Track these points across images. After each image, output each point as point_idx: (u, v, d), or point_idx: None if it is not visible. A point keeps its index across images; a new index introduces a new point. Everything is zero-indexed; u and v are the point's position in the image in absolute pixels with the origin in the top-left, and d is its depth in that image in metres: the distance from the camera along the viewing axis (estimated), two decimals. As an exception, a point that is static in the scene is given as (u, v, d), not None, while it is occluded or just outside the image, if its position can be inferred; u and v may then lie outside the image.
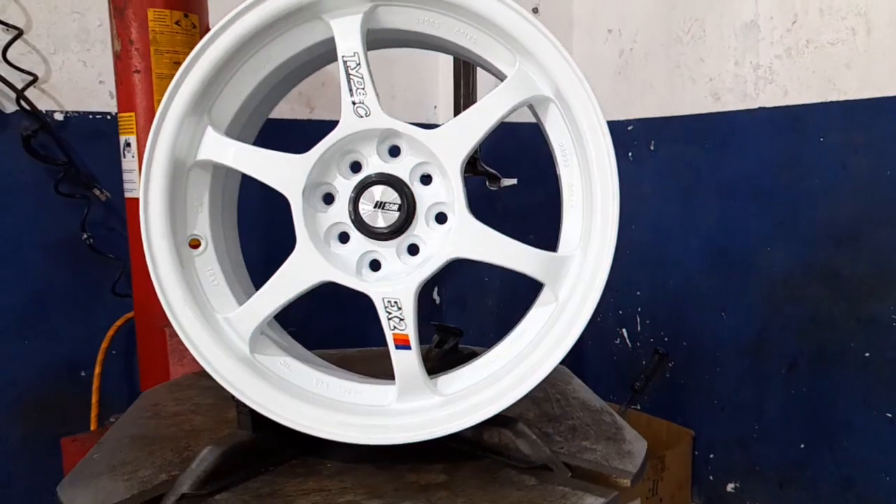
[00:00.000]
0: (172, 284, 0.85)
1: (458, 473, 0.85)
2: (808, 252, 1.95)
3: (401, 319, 0.82)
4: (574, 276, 0.85)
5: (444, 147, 0.81)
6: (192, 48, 0.81)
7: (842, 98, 1.87)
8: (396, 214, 0.82)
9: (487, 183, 1.58)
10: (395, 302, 0.82)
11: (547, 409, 1.07)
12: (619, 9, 2.42)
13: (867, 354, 1.84)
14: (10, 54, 1.67)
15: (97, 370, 1.80)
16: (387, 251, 0.85)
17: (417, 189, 0.84)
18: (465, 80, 1.47)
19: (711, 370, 2.24)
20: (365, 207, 0.83)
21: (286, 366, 0.88)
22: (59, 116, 1.78)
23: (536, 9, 2.46)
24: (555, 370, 0.84)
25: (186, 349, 1.12)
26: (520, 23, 0.80)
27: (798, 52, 1.94)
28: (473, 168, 1.49)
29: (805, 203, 1.95)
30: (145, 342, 1.51)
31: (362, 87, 0.81)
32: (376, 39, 0.90)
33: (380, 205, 0.83)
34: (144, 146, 1.40)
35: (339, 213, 0.84)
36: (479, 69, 1.49)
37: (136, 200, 1.43)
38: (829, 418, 1.93)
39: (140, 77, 1.39)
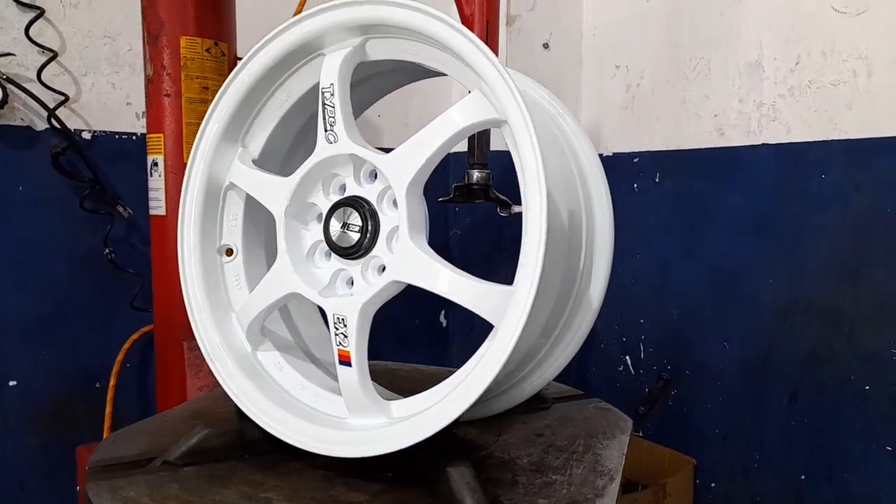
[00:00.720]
0: (196, 290, 0.93)
1: (384, 499, 0.83)
2: (809, 286, 1.99)
3: (345, 336, 0.85)
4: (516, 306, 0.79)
5: (393, 170, 0.83)
6: (220, 74, 0.90)
7: (843, 137, 1.93)
8: (357, 235, 0.86)
9: (499, 209, 1.63)
10: (342, 319, 0.85)
11: (551, 459, 0.98)
12: (626, 46, 2.50)
13: (867, 388, 1.87)
14: (45, 75, 1.75)
15: (112, 381, 1.84)
16: (355, 270, 0.89)
17: (387, 211, 0.88)
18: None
19: (714, 399, 2.27)
20: (334, 227, 0.88)
21: (279, 367, 0.95)
22: (86, 135, 1.85)
23: (547, 44, 2.54)
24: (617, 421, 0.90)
25: (203, 363, 1.18)
26: (465, 45, 0.82)
27: (801, 91, 2.01)
28: (486, 195, 1.54)
29: (807, 238, 1.99)
30: (164, 355, 1.56)
31: (332, 116, 0.87)
32: (377, 73, 0.98)
33: (345, 225, 0.88)
34: (171, 166, 1.47)
35: (319, 231, 0.91)
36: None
37: (161, 217, 1.50)
38: (830, 450, 1.95)
39: (170, 100, 1.46)
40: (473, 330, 2.66)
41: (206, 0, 1.47)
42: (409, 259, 0.82)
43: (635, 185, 2.51)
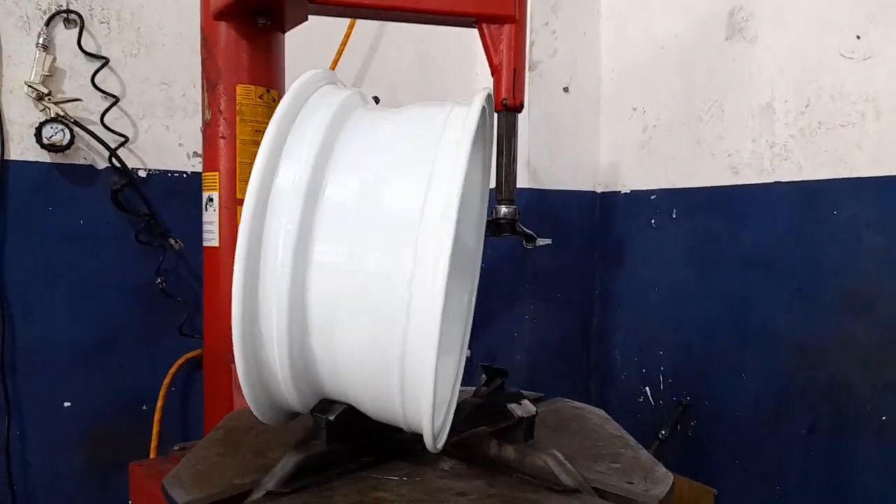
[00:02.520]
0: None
1: (502, 486, 0.98)
2: (825, 319, 2.06)
3: None
4: None
5: None
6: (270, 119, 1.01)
7: (853, 175, 2.02)
8: None
9: (525, 243, 1.73)
10: None
11: (580, 442, 1.20)
12: (643, 90, 2.63)
13: (884, 418, 1.92)
14: (107, 118, 1.90)
15: (159, 403, 1.95)
16: None
17: None
18: (507, 155, 1.65)
19: (733, 430, 2.32)
20: None
21: None
22: (142, 173, 2.00)
23: (567, 88, 2.68)
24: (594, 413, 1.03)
25: None
26: None
27: (811, 132, 2.11)
28: (512, 228, 1.65)
29: (822, 273, 2.07)
30: (212, 377, 1.66)
31: None
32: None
33: None
34: (225, 201, 1.60)
35: None
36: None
37: (214, 249, 1.63)
38: (848, 482, 2.00)
39: (225, 142, 1.59)
40: (497, 360, 2.74)
41: (259, 51, 1.62)
42: None
43: (653, 221, 2.61)
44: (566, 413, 1.44)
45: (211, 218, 1.62)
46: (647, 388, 2.65)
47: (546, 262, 2.64)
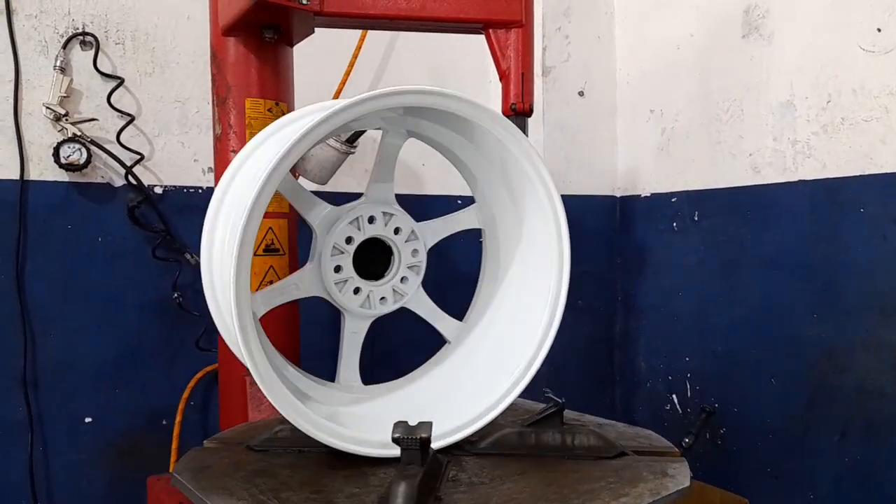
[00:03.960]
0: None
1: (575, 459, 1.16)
2: (853, 322, 1.99)
3: None
4: None
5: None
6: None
7: (879, 171, 1.96)
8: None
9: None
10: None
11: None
12: (660, 92, 2.59)
13: (918, 422, 1.85)
14: (123, 137, 1.93)
15: (178, 418, 1.96)
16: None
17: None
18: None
19: (763, 437, 2.25)
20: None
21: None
22: (158, 190, 2.02)
23: (582, 92, 2.65)
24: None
25: (264, 398, 1.28)
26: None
27: (834, 129, 2.05)
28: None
29: (848, 273, 2.00)
30: (227, 390, 1.67)
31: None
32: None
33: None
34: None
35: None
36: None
37: (227, 262, 1.63)
38: (881, 490, 1.92)
39: (236, 156, 1.60)
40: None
41: (267, 65, 1.63)
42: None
43: (674, 225, 2.56)
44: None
45: (223, 232, 1.62)
46: (673, 396, 2.59)
47: (565, 269, 2.60)
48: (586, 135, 2.69)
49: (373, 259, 1.28)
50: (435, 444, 1.10)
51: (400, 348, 1.84)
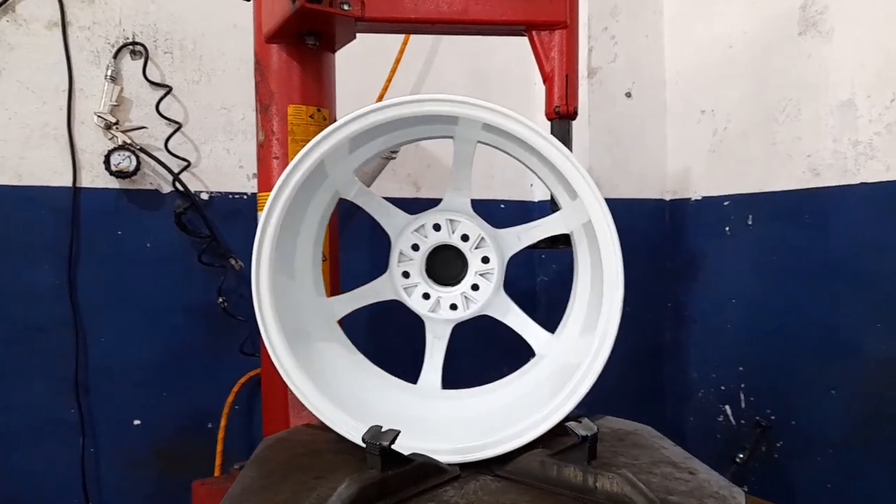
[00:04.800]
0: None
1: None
2: (921, 332, 1.88)
3: None
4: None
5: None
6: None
7: (950, 173, 1.84)
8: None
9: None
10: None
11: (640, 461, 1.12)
12: (711, 92, 2.50)
13: None
14: (170, 144, 1.97)
15: (223, 422, 1.98)
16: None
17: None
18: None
19: (823, 452, 2.14)
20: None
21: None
22: (204, 196, 2.05)
23: (629, 93, 2.59)
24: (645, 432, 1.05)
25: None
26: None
27: (899, 128, 1.95)
28: (568, 241, 1.58)
29: (915, 280, 1.90)
30: (270, 396, 1.67)
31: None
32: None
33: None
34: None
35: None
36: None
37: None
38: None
39: (278, 162, 1.61)
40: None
41: (309, 71, 1.63)
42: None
43: (727, 229, 2.47)
44: (614, 431, 1.35)
45: (265, 238, 1.63)
46: (726, 407, 2.49)
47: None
48: (634, 137, 2.62)
49: (450, 266, 1.29)
50: (450, 458, 1.08)
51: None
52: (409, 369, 1.35)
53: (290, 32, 1.56)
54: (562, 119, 1.57)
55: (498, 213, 2.63)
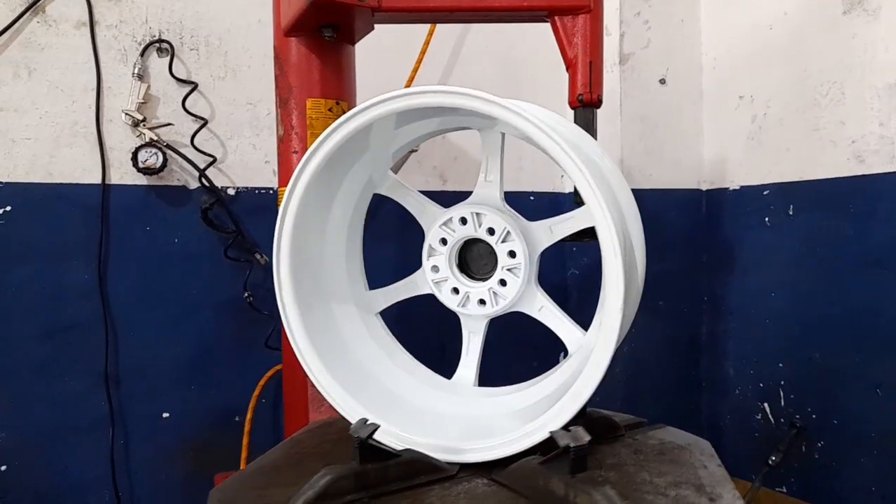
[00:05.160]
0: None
1: None
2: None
3: None
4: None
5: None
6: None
7: None
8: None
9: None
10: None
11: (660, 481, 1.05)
12: (750, 76, 2.40)
13: None
14: (197, 140, 1.98)
15: (249, 416, 2.00)
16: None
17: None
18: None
19: (868, 453, 2.05)
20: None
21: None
22: (231, 191, 2.06)
23: (664, 80, 2.50)
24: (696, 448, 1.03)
25: (324, 399, 1.26)
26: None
27: (952, 111, 1.83)
28: (593, 234, 1.53)
29: (970, 271, 1.78)
30: (291, 391, 1.67)
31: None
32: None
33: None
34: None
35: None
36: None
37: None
38: None
39: (297, 157, 1.60)
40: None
41: (329, 64, 1.62)
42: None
43: (766, 219, 2.38)
44: (662, 444, 1.25)
45: (286, 233, 1.62)
46: (765, 405, 2.41)
47: (645, 267, 2.46)
48: (668, 125, 2.53)
49: (484, 260, 1.26)
50: (445, 457, 1.04)
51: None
52: (438, 361, 1.33)
53: (308, 25, 1.55)
54: (585, 107, 1.52)
55: (527, 205, 2.59)
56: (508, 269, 1.22)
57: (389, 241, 2.10)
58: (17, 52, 1.81)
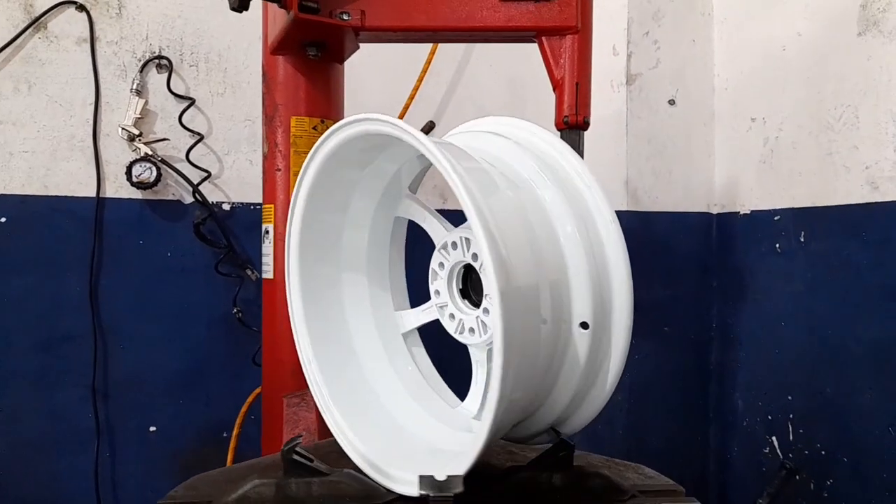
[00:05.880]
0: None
1: None
2: None
3: None
4: None
5: None
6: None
7: None
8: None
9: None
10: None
11: None
12: (763, 98, 2.33)
13: None
14: (193, 155, 1.99)
15: (235, 432, 1.98)
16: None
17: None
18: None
19: (879, 494, 1.94)
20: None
21: None
22: (226, 206, 2.07)
23: (673, 101, 2.44)
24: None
25: (300, 419, 1.22)
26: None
27: (970, 137, 1.74)
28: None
29: None
30: (268, 409, 1.65)
31: None
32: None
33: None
34: (279, 234, 1.59)
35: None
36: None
37: (270, 281, 1.63)
38: None
39: (280, 174, 1.59)
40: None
41: (315, 83, 1.61)
42: None
43: (777, 246, 2.29)
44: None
45: (267, 250, 1.62)
46: (773, 438, 2.30)
47: (651, 292, 2.40)
48: (677, 147, 2.47)
49: (480, 286, 1.14)
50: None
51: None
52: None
53: (293, 44, 1.55)
54: (571, 129, 1.48)
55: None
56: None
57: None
58: (19, 66, 1.84)
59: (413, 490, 0.90)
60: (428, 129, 2.08)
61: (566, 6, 1.45)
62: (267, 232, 1.61)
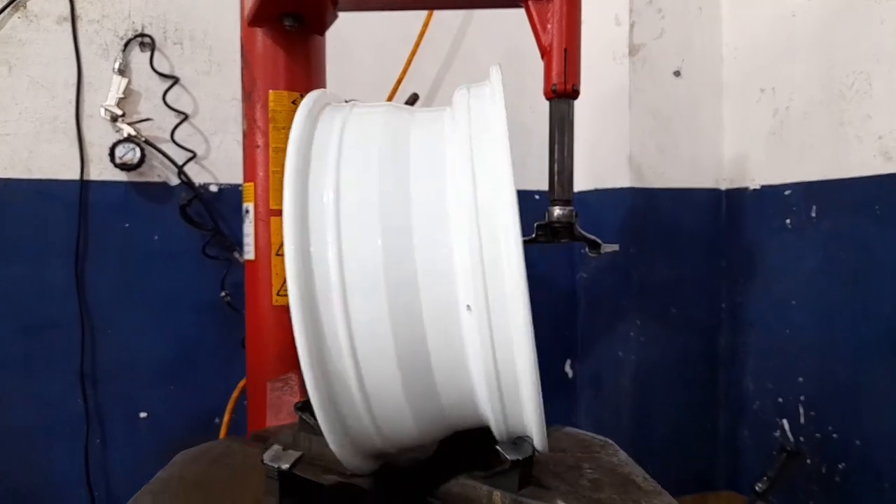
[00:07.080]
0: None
1: None
2: None
3: None
4: None
5: None
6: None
7: None
8: None
9: (588, 250, 1.49)
10: None
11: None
12: (772, 67, 2.22)
13: None
14: (178, 135, 1.95)
15: (226, 418, 1.95)
16: None
17: None
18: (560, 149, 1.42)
19: (894, 480, 1.85)
20: None
21: None
22: (213, 188, 2.02)
23: (678, 72, 2.34)
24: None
25: (283, 404, 1.17)
26: None
27: None
28: (570, 233, 1.42)
29: None
30: (253, 394, 1.61)
31: None
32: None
33: None
34: (260, 213, 1.54)
35: None
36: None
37: (252, 262, 1.58)
38: None
39: (259, 151, 1.53)
40: (603, 385, 2.46)
41: (294, 56, 1.54)
42: None
43: (788, 222, 2.19)
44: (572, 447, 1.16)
45: (248, 230, 1.56)
46: (784, 422, 2.22)
47: (657, 272, 2.32)
48: (683, 120, 2.37)
49: None
50: None
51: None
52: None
53: (269, 15, 1.48)
54: (560, 99, 1.41)
55: (532, 203, 2.46)
56: None
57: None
58: (-2, 47, 1.80)
59: None
60: (412, 100, 2.01)
61: (553, -32, 1.37)
62: (247, 211, 1.56)
